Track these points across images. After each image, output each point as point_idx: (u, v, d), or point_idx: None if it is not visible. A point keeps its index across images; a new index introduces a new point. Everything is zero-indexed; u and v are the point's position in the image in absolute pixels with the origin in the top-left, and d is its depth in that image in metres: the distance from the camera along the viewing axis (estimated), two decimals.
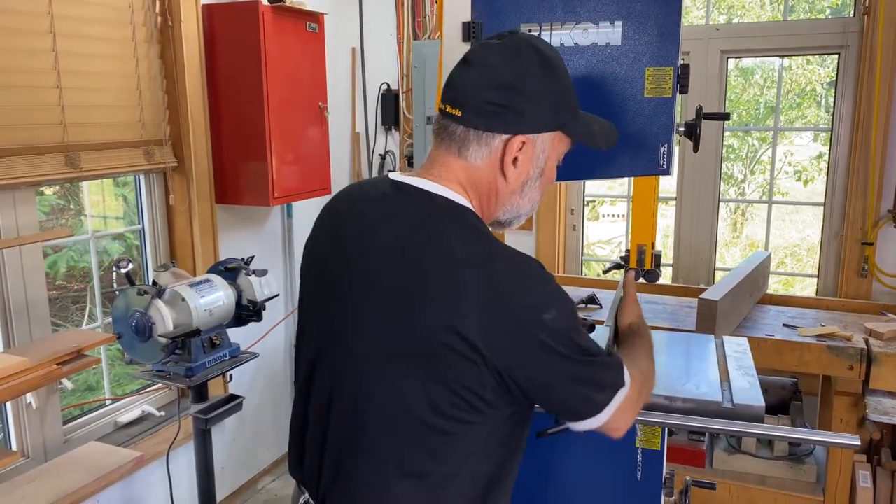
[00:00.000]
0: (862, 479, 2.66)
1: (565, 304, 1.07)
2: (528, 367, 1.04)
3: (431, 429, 1.06)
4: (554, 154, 1.18)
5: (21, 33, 2.13)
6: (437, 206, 1.11)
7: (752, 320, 2.92)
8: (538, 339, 1.02)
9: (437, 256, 1.05)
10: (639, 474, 1.56)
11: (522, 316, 1.03)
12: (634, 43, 1.50)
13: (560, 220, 3.64)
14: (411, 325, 1.04)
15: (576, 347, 1.06)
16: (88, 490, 2.04)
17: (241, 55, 2.75)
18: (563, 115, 1.15)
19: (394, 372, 1.07)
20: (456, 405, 1.04)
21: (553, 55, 1.15)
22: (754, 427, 1.44)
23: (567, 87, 1.16)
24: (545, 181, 1.19)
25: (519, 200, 1.18)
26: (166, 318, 2.02)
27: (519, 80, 1.10)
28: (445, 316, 1.01)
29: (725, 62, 3.35)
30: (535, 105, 1.11)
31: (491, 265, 1.04)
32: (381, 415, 1.08)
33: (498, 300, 1.02)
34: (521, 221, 1.23)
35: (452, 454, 1.08)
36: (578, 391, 1.09)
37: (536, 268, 1.08)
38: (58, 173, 2.24)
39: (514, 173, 1.13)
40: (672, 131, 1.52)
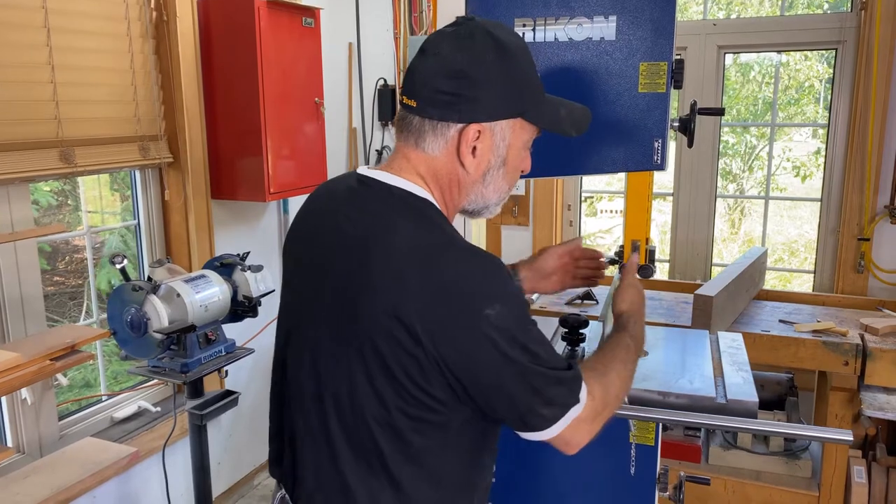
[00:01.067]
0: (857, 474, 2.67)
1: (514, 304, 1.04)
2: (469, 363, 1.01)
3: (383, 424, 1.05)
4: (517, 142, 1.14)
5: (15, 28, 2.12)
6: (395, 198, 1.10)
7: (749, 316, 2.92)
8: (478, 332, 0.99)
9: (387, 247, 1.04)
10: (632, 470, 1.57)
11: (463, 307, 1.00)
12: (629, 38, 1.50)
13: (557, 215, 3.63)
14: (358, 315, 1.03)
15: (522, 350, 1.02)
16: (84, 486, 2.04)
17: (236, 50, 2.74)
18: (522, 102, 1.12)
19: (345, 366, 1.06)
20: (405, 400, 1.03)
21: (510, 40, 1.11)
22: (747, 423, 1.44)
23: (525, 73, 1.13)
24: (511, 170, 1.16)
25: (483, 190, 1.15)
26: (161, 314, 2.02)
27: (471, 67, 1.07)
28: (389, 305, 1.00)
29: (722, 57, 3.34)
30: (489, 92, 1.08)
31: (438, 255, 1.02)
32: (337, 411, 1.08)
33: (440, 290, 1.00)
34: (493, 211, 1.20)
35: (411, 453, 1.07)
36: (524, 399, 1.04)
37: (488, 263, 1.05)
38: (52, 169, 2.23)
39: (473, 163, 1.11)
40: (666, 127, 1.52)
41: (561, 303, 3.11)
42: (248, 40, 2.71)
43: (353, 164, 3.80)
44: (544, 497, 1.64)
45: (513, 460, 1.64)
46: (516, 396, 1.03)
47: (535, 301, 3.09)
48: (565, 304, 3.10)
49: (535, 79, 1.14)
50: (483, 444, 1.15)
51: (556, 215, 3.63)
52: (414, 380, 1.01)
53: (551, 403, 1.05)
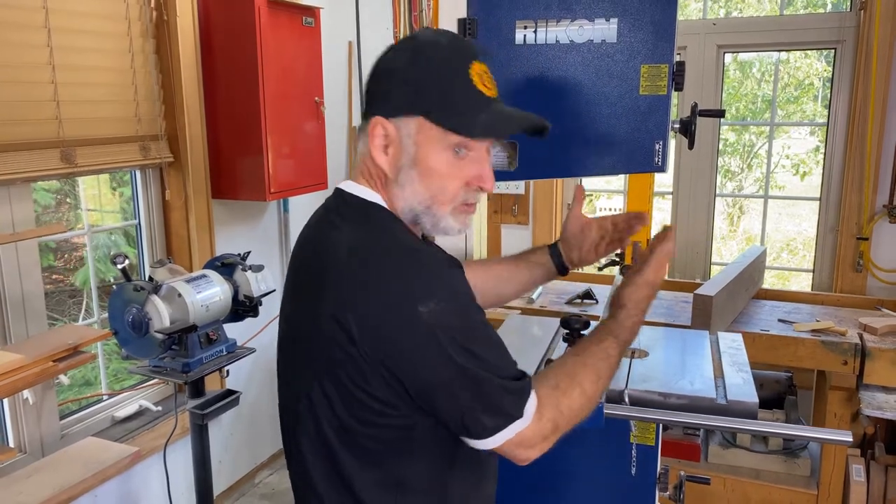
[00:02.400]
0: (856, 472, 2.68)
1: (453, 302, 1.02)
2: (404, 362, 1.00)
3: (342, 430, 1.05)
4: (427, 142, 1.07)
5: (16, 28, 2.12)
6: (344, 203, 1.12)
7: (748, 315, 2.93)
8: (412, 330, 0.98)
9: (329, 255, 1.05)
10: (633, 470, 1.57)
11: (395, 305, 0.99)
12: (630, 40, 1.50)
13: (556, 214, 3.64)
14: (304, 319, 1.07)
15: (462, 350, 0.99)
16: (86, 485, 2.05)
17: (237, 50, 2.74)
18: (425, 101, 1.06)
19: (303, 376, 1.09)
20: (352, 404, 1.03)
21: (432, 41, 1.10)
22: (747, 423, 1.45)
23: (436, 72, 1.07)
24: (427, 172, 1.08)
25: (400, 192, 1.10)
26: (163, 314, 2.02)
27: (387, 65, 1.11)
28: (328, 307, 1.01)
29: (722, 57, 3.35)
30: (396, 89, 1.08)
31: (372, 256, 1.03)
32: (298, 415, 1.11)
33: (373, 289, 1.00)
34: (437, 226, 1.11)
35: (368, 456, 1.07)
36: (463, 403, 1.01)
37: (424, 261, 1.04)
38: (53, 169, 2.23)
39: (384, 160, 1.10)
40: (667, 129, 1.52)
41: (561, 302, 3.12)
42: (248, 40, 2.71)
43: (353, 163, 3.80)
44: (546, 497, 1.65)
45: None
46: (455, 399, 1.01)
47: (536, 300, 3.10)
48: (565, 303, 3.11)
49: (449, 80, 1.07)
50: (455, 450, 1.11)
51: (556, 214, 3.63)
52: (356, 382, 1.02)
53: (493, 412, 1.02)
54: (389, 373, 1.00)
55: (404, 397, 1.03)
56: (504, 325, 2.05)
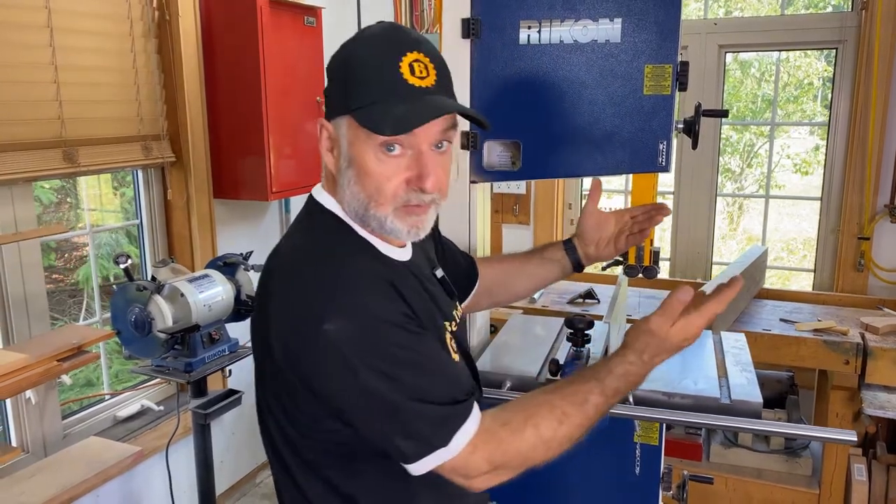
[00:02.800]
0: (857, 472, 2.68)
1: (363, 320, 0.96)
2: (317, 380, 0.98)
3: (291, 446, 1.07)
4: (357, 142, 1.02)
5: (18, 28, 2.12)
6: (305, 210, 1.13)
7: (749, 315, 2.93)
8: (319, 347, 0.95)
9: (269, 262, 1.08)
10: (637, 469, 1.57)
11: (303, 321, 0.96)
12: (634, 40, 1.50)
13: (557, 214, 3.64)
14: (253, 336, 1.09)
15: (371, 372, 0.94)
16: (88, 485, 2.04)
17: (238, 50, 2.74)
18: (351, 98, 1.01)
19: (257, 388, 1.11)
20: (287, 416, 1.04)
21: (367, 36, 1.06)
22: (752, 423, 1.45)
23: (365, 69, 1.02)
24: (362, 173, 1.03)
25: (342, 194, 1.07)
26: (165, 314, 2.02)
27: (329, 66, 1.09)
28: (261, 324, 1.03)
29: (723, 57, 3.35)
30: (332, 89, 1.07)
31: (293, 270, 1.03)
32: (264, 433, 1.13)
33: (288, 305, 0.99)
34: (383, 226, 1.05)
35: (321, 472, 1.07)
36: (379, 426, 0.97)
37: (341, 275, 0.99)
38: (55, 168, 2.23)
39: (331, 161, 1.08)
40: (671, 129, 1.52)
41: (563, 301, 3.12)
42: (250, 39, 2.71)
43: None
44: (550, 497, 1.65)
45: None
46: (371, 422, 0.98)
47: (538, 300, 3.10)
48: (567, 302, 3.11)
49: (374, 71, 1.01)
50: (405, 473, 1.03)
51: (557, 214, 3.64)
52: (286, 396, 1.03)
53: (411, 438, 0.97)
54: (309, 390, 1.00)
55: (330, 413, 1.01)
56: (507, 324, 2.05)
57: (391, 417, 0.96)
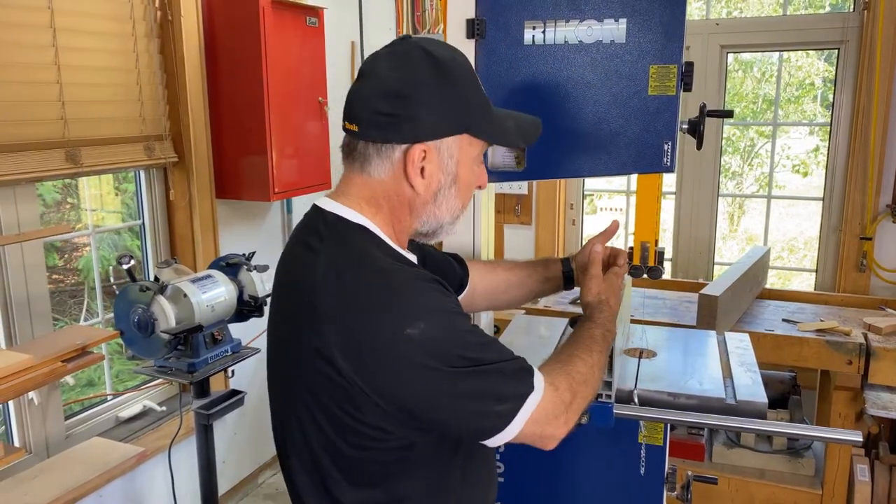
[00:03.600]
0: (860, 472, 2.68)
1: (438, 314, 1.01)
2: (405, 388, 0.98)
3: (331, 455, 1.05)
4: (466, 158, 1.11)
5: (21, 28, 2.12)
6: (325, 225, 1.08)
7: (752, 315, 2.93)
8: (404, 356, 0.96)
9: (306, 277, 1.04)
10: (642, 470, 1.57)
11: (383, 333, 0.97)
12: (639, 40, 1.50)
13: (559, 214, 3.64)
14: (289, 351, 1.07)
15: (456, 359, 0.98)
16: (91, 485, 2.05)
17: (241, 50, 2.74)
18: (465, 118, 1.08)
19: (290, 399, 1.08)
20: (341, 430, 1.02)
21: (446, 55, 1.08)
22: (757, 423, 1.45)
23: (466, 86, 1.09)
24: (464, 186, 1.12)
25: (435, 210, 1.11)
26: (168, 314, 2.02)
27: (408, 86, 1.05)
28: (309, 339, 1.00)
29: (725, 57, 3.35)
30: (429, 110, 1.05)
31: (350, 283, 1.01)
32: (292, 443, 1.11)
33: (356, 318, 0.98)
34: (448, 231, 1.16)
35: (367, 481, 1.06)
36: (473, 406, 1.00)
37: (406, 281, 1.02)
38: (58, 169, 2.23)
39: (422, 183, 1.08)
40: (676, 129, 1.52)
41: (565, 302, 3.12)
42: (252, 40, 2.71)
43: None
44: (554, 497, 1.65)
45: (522, 460, 1.65)
46: (465, 406, 1.00)
47: (541, 300, 3.10)
48: (569, 303, 3.11)
49: (476, 92, 1.11)
50: (450, 468, 1.12)
51: (559, 214, 3.64)
52: (346, 411, 1.00)
53: (503, 399, 1.01)
54: (385, 400, 0.98)
55: (403, 421, 1.01)
56: (510, 325, 2.05)
57: (483, 393, 1.00)
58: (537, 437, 1.06)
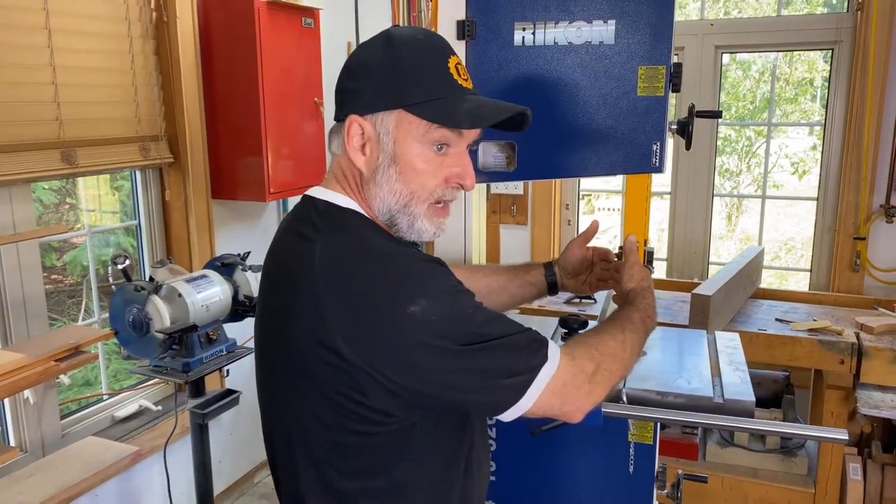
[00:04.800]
0: (852, 471, 2.69)
1: (441, 292, 0.99)
2: (412, 369, 0.97)
3: (334, 444, 1.03)
4: (406, 137, 1.04)
5: (16, 29, 2.13)
6: (316, 211, 1.07)
7: (745, 315, 2.95)
8: (411, 336, 0.95)
9: (301, 264, 1.01)
10: (631, 468, 1.58)
11: (384, 313, 0.96)
12: (627, 42, 1.52)
13: (555, 214, 3.65)
14: (285, 339, 1.03)
15: (463, 335, 0.97)
16: (86, 484, 2.06)
17: (236, 51, 2.75)
18: (401, 93, 1.03)
19: (285, 390, 1.06)
20: (345, 416, 1.00)
21: (406, 35, 1.06)
22: (744, 422, 1.46)
23: (413, 63, 1.05)
24: (408, 169, 1.05)
25: (378, 191, 1.06)
26: (163, 314, 2.03)
27: (357, 62, 1.07)
28: (308, 326, 0.98)
29: (720, 57, 3.36)
30: (368, 84, 1.04)
31: (348, 264, 1.00)
32: (288, 433, 1.08)
33: (355, 300, 0.97)
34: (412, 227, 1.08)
35: (369, 468, 1.05)
36: (482, 383, 0.99)
37: (405, 262, 1.01)
38: (54, 170, 2.24)
39: (362, 160, 1.06)
40: (665, 130, 1.54)
41: (560, 302, 3.13)
42: (248, 41, 2.72)
43: None
44: (544, 496, 1.66)
45: (512, 459, 1.66)
46: (476, 383, 0.99)
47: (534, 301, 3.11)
48: (564, 303, 3.12)
49: (431, 70, 1.05)
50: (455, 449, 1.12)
51: (555, 214, 3.65)
52: (350, 397, 0.99)
53: (515, 372, 1.00)
54: (391, 381, 0.97)
55: (410, 402, 1.00)
56: None
57: (491, 370, 0.99)
58: (558, 410, 1.05)
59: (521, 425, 1.39)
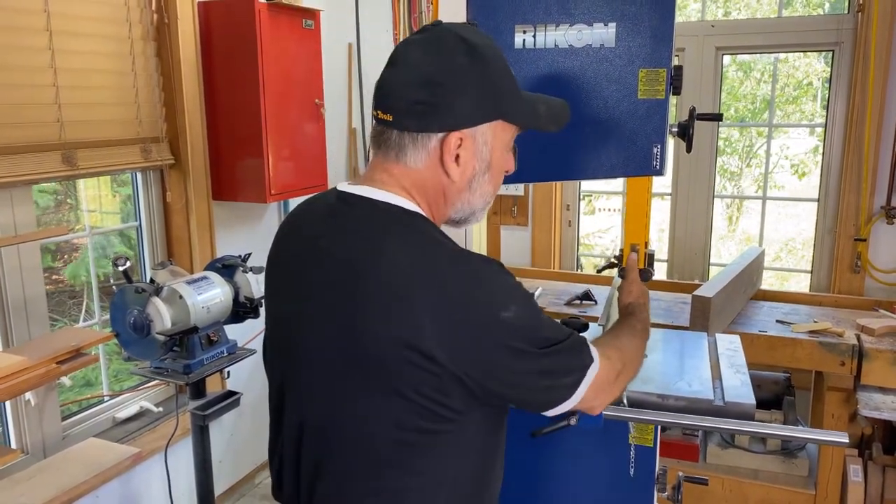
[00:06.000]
0: (853, 473, 2.69)
1: (523, 298, 1.04)
2: (494, 370, 1.01)
3: (399, 443, 1.03)
4: (499, 144, 1.12)
5: (17, 31, 2.13)
6: (382, 213, 1.06)
7: (746, 316, 2.95)
8: (499, 340, 1.00)
9: (383, 267, 1.00)
10: (632, 471, 1.59)
11: (479, 319, 0.99)
12: (628, 45, 1.51)
13: (556, 215, 3.65)
14: (363, 341, 1.01)
15: (540, 340, 1.04)
16: (88, 486, 2.06)
17: (237, 52, 2.75)
18: (501, 104, 1.09)
19: (353, 390, 1.04)
20: (420, 416, 1.01)
21: (480, 42, 1.08)
22: (744, 425, 1.46)
23: (500, 72, 1.09)
24: (496, 173, 1.14)
25: (469, 197, 1.13)
26: (164, 316, 2.03)
27: (444, 73, 1.04)
28: (396, 329, 0.97)
29: (720, 58, 3.36)
30: (465, 97, 1.05)
31: (439, 270, 1.00)
32: (346, 434, 1.06)
33: (450, 306, 0.98)
34: (479, 217, 1.18)
35: (427, 465, 1.06)
36: (547, 382, 1.06)
37: (487, 266, 1.04)
38: (55, 171, 2.24)
39: (457, 171, 1.08)
40: (665, 132, 1.53)
41: (560, 303, 3.13)
42: (248, 42, 2.73)
43: (353, 165, 3.81)
44: (545, 498, 1.66)
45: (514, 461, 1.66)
46: (542, 382, 1.06)
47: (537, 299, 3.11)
48: (564, 304, 3.12)
49: (509, 78, 1.11)
50: (492, 443, 1.16)
51: (555, 215, 3.65)
52: (430, 396, 1.00)
53: (570, 372, 1.07)
54: (475, 382, 1.00)
55: (482, 400, 1.04)
56: None
57: (556, 369, 1.06)
58: (589, 404, 1.12)
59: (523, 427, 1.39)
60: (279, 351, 1.19)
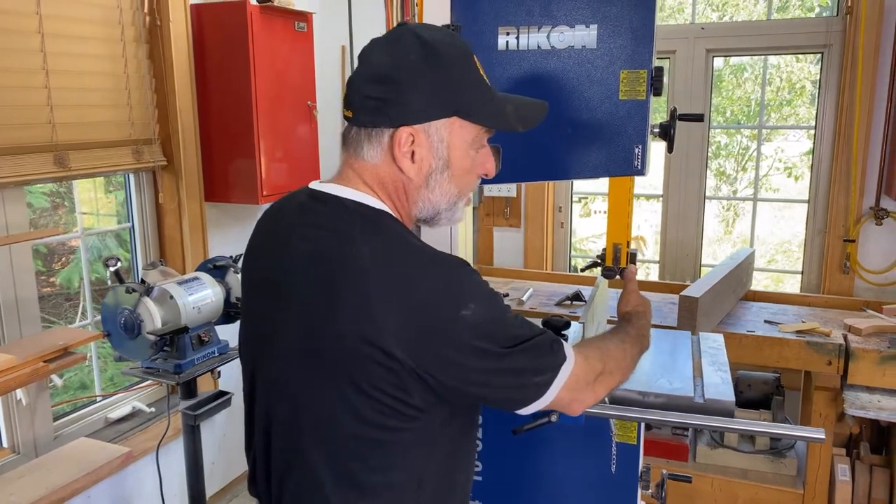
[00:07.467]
0: (841, 472, 2.71)
1: (485, 296, 1.04)
2: (454, 368, 1.01)
3: (361, 438, 1.04)
4: (459, 142, 1.11)
5: (9, 33, 2.15)
6: (349, 211, 1.08)
7: (735, 317, 2.96)
8: (459, 338, 1.00)
9: (347, 262, 1.02)
10: (613, 468, 1.60)
11: (439, 317, 1.00)
12: (609, 46, 1.53)
13: (548, 217, 3.67)
14: (327, 336, 1.02)
15: (504, 338, 1.03)
16: (79, 485, 2.07)
17: (229, 55, 2.77)
18: (454, 101, 1.09)
19: (318, 384, 1.05)
20: (381, 412, 1.02)
21: (438, 39, 1.09)
22: (724, 421, 1.48)
23: (459, 70, 1.10)
24: (458, 172, 1.13)
25: (429, 195, 1.12)
26: (155, 316, 2.04)
27: (396, 70, 1.07)
28: (357, 325, 0.99)
29: (711, 61, 3.38)
30: (416, 94, 1.06)
31: (400, 267, 1.02)
32: (311, 427, 1.08)
33: (410, 304, 0.99)
34: (450, 218, 1.16)
35: (392, 462, 1.06)
36: (515, 381, 1.06)
37: (450, 264, 1.05)
38: (47, 173, 2.26)
39: (412, 168, 1.09)
40: (646, 133, 1.55)
41: (551, 304, 3.15)
42: (240, 45, 2.74)
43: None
44: (527, 495, 1.67)
45: (496, 459, 1.68)
46: (509, 381, 1.05)
47: (526, 301, 3.13)
48: (555, 304, 3.14)
49: (471, 76, 1.11)
50: (461, 442, 1.16)
51: (548, 217, 3.67)
52: (391, 393, 1.01)
53: (541, 371, 1.07)
54: (437, 381, 1.01)
55: (446, 399, 1.04)
56: None
57: (524, 367, 1.06)
58: (566, 403, 1.12)
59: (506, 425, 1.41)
60: (250, 344, 1.21)
